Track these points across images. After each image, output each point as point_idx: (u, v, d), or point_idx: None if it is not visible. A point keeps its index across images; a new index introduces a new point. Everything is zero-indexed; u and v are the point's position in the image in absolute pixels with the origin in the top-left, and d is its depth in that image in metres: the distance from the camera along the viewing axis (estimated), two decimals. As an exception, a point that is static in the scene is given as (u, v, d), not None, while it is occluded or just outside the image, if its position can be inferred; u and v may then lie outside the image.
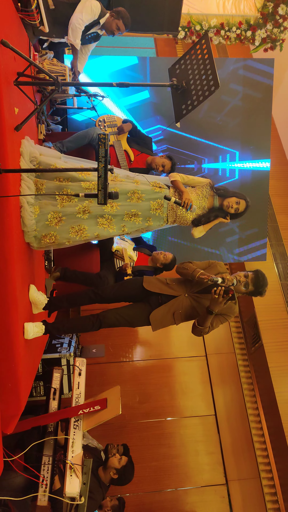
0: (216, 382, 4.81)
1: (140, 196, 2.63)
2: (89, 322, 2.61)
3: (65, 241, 2.53)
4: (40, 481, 2.42)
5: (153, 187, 2.69)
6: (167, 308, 2.62)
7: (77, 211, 2.49)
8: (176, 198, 2.61)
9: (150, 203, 2.67)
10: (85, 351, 4.47)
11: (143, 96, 4.37)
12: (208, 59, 2.45)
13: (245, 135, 4.60)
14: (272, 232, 5.72)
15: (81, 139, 3.35)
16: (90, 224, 2.55)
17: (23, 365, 2.23)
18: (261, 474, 4.34)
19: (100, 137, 1.86)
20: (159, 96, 4.39)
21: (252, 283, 2.57)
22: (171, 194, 2.70)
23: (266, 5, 5.30)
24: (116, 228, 2.63)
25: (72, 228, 2.50)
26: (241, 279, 2.56)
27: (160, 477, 4.18)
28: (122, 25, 3.12)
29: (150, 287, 2.66)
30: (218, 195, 2.79)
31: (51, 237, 2.46)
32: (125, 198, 2.62)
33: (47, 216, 2.44)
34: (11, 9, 2.35)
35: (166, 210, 2.72)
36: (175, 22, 3.91)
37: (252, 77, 4.46)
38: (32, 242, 2.45)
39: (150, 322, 2.61)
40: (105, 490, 2.93)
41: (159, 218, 2.73)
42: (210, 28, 5.35)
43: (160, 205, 2.69)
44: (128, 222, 2.64)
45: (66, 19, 2.96)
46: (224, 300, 2.32)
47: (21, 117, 2.24)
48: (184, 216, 2.75)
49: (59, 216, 2.46)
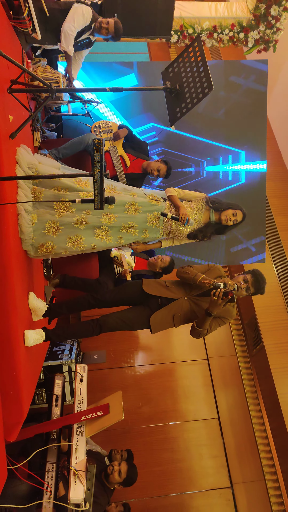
0: (218, 385, 4.80)
1: (137, 208, 2.65)
2: (89, 327, 2.60)
3: (62, 251, 2.53)
4: (45, 488, 2.41)
5: (150, 199, 2.71)
6: (166, 310, 2.62)
7: (75, 222, 2.49)
8: (172, 214, 2.63)
9: (146, 216, 2.69)
10: (86, 357, 4.45)
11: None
12: (201, 61, 2.46)
13: (240, 136, 4.60)
14: (270, 233, 5.73)
15: (76, 145, 3.36)
16: (87, 234, 2.55)
17: (25, 372, 2.22)
18: (265, 476, 4.32)
19: (95, 142, 1.86)
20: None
21: (253, 286, 2.58)
22: (167, 208, 2.73)
23: (258, 7, 5.32)
24: (113, 240, 2.64)
25: (70, 238, 2.51)
26: (242, 285, 2.56)
27: (164, 482, 4.16)
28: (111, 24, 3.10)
29: (150, 290, 2.66)
30: (214, 209, 2.79)
31: (48, 246, 2.47)
32: (122, 210, 2.63)
33: (44, 225, 2.44)
34: (3, 17, 2.36)
35: (162, 223, 2.74)
36: (168, 26, 3.93)
37: (247, 79, 4.47)
38: (29, 251, 2.45)
39: (150, 324, 2.61)
40: (109, 494, 2.92)
41: (155, 231, 2.75)
42: (203, 31, 5.37)
43: (157, 218, 2.72)
44: (124, 234, 2.66)
45: (58, 26, 2.97)
46: (223, 302, 2.33)
47: (16, 124, 2.25)
48: (179, 229, 2.76)
49: (57, 226, 2.47)
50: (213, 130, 4.56)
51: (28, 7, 2.46)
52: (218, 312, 2.44)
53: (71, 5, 2.97)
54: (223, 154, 4.61)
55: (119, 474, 2.89)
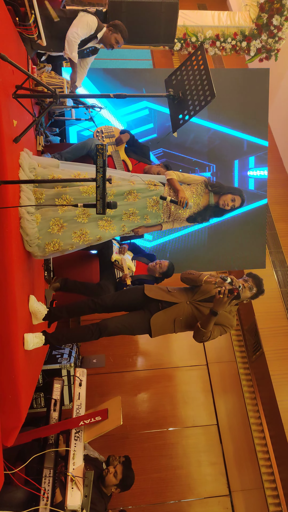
0: (217, 391, 4.78)
1: (136, 195, 2.68)
2: (88, 331, 2.61)
3: (69, 247, 2.54)
4: (42, 494, 2.40)
5: (148, 185, 2.74)
6: (168, 313, 2.62)
7: (77, 215, 2.51)
8: (171, 197, 2.65)
9: (146, 200, 2.71)
10: (86, 362, 4.44)
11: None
12: (204, 69, 2.49)
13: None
14: (271, 239, 5.74)
15: (79, 150, 3.39)
16: (91, 227, 2.57)
17: (24, 376, 2.22)
18: (264, 484, 4.29)
19: (98, 148, 1.87)
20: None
21: (255, 285, 2.60)
22: (166, 192, 2.76)
23: (260, 16, 5.38)
24: (117, 228, 2.66)
25: (75, 233, 2.52)
26: (245, 284, 2.58)
27: (162, 489, 4.13)
28: (120, 39, 3.17)
29: (152, 294, 2.67)
30: (213, 193, 2.82)
31: (54, 244, 2.48)
32: (122, 198, 2.67)
33: (49, 223, 2.46)
34: (9, 23, 2.39)
35: (162, 206, 2.77)
36: (171, 34, 3.98)
37: (248, 87, 4.50)
38: (35, 252, 2.45)
39: (151, 326, 2.60)
40: (107, 501, 2.91)
41: (156, 215, 2.78)
42: (206, 39, 5.43)
43: (156, 202, 2.74)
44: (127, 221, 2.68)
45: (63, 33, 3.01)
46: (228, 300, 2.32)
47: (19, 129, 2.27)
48: (179, 213, 2.79)
49: (61, 223, 2.48)
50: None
51: (34, 14, 2.50)
52: (219, 319, 2.44)
53: (77, 13, 3.01)
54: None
55: (114, 475, 2.87)
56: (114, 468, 2.90)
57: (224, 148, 4.50)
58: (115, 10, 3.68)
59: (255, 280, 2.61)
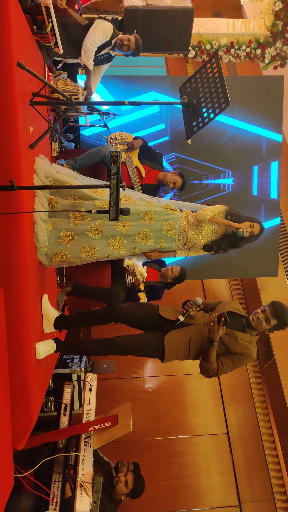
0: (228, 399, 4.73)
1: (152, 217, 2.64)
2: (97, 346, 2.55)
3: (76, 260, 2.54)
4: (50, 499, 2.40)
5: (165, 209, 2.71)
6: (184, 333, 2.51)
7: (89, 230, 2.51)
8: (188, 224, 2.67)
9: (162, 224, 2.66)
10: (96, 367, 4.45)
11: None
12: (218, 77, 2.50)
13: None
14: (283, 247, 5.69)
15: (93, 156, 3.41)
16: (101, 244, 2.55)
17: (35, 380, 2.23)
18: (275, 496, 4.22)
19: (112, 155, 1.89)
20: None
21: (272, 315, 2.40)
22: (183, 218, 2.70)
23: (275, 24, 5.39)
24: (127, 250, 2.62)
25: (84, 248, 2.51)
26: (260, 315, 2.43)
27: (171, 497, 4.09)
28: (133, 41, 3.18)
29: (167, 315, 2.59)
30: (232, 221, 2.75)
31: (62, 255, 2.48)
32: (138, 218, 2.63)
33: (59, 234, 2.46)
34: (27, 32, 2.43)
35: (178, 232, 2.70)
36: (186, 42, 4.00)
37: (262, 94, 4.49)
38: (43, 261, 2.47)
39: (165, 344, 2.48)
40: (116, 504, 2.89)
41: (170, 240, 2.71)
42: (220, 47, 5.45)
43: (172, 227, 2.68)
44: (139, 244, 2.63)
45: (80, 41, 3.05)
46: (219, 326, 2.25)
47: (35, 135, 2.30)
48: (196, 240, 2.73)
49: (71, 235, 2.49)
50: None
51: (51, 22, 2.54)
52: (236, 348, 2.41)
53: (93, 20, 3.05)
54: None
55: (125, 484, 2.85)
56: (125, 477, 2.88)
57: (241, 153, 4.49)
58: (131, 18, 3.72)
59: (274, 310, 2.40)
